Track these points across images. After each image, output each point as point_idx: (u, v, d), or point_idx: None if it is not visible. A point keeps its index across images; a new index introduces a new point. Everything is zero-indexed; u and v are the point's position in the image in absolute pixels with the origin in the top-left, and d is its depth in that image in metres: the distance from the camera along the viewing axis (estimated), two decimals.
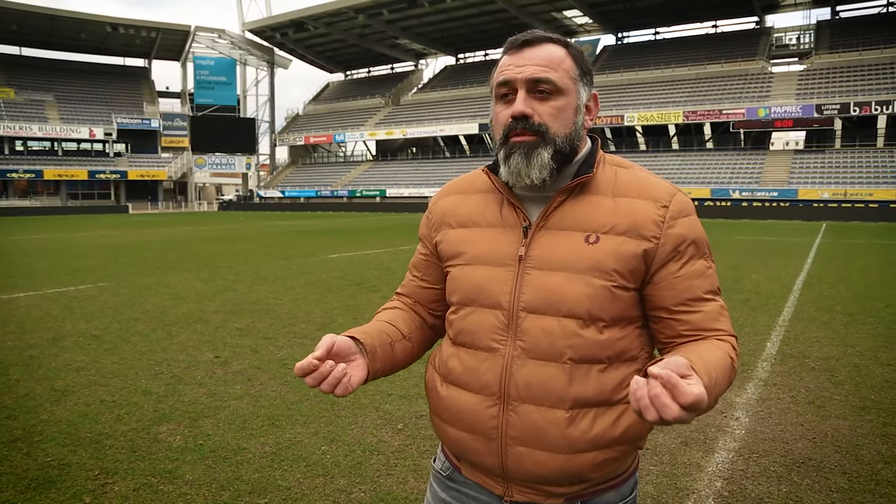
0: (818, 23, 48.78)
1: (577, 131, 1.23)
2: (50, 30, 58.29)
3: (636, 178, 1.24)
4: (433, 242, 1.38)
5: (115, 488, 3.06)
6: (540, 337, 1.19)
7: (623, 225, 1.18)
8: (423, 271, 1.43)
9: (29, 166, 53.92)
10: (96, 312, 7.44)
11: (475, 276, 1.26)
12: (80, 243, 18.32)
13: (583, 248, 1.18)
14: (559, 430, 1.17)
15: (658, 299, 1.22)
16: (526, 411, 1.19)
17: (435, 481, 1.39)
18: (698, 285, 1.20)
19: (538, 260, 1.21)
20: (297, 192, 56.91)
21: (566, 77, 1.21)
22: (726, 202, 36.74)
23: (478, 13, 53.65)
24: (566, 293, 1.17)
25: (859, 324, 6.84)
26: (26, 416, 4.01)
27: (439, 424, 1.33)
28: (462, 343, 1.28)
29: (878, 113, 37.91)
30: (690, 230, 1.21)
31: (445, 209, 1.37)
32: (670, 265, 1.20)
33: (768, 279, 10.22)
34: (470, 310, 1.27)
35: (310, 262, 12.98)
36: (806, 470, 3.32)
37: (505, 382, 1.21)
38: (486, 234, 1.28)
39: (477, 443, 1.24)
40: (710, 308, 1.20)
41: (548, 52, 1.21)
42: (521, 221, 1.25)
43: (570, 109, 1.22)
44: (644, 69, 50.61)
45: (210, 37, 63.08)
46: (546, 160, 1.18)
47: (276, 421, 3.97)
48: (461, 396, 1.26)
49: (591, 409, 1.18)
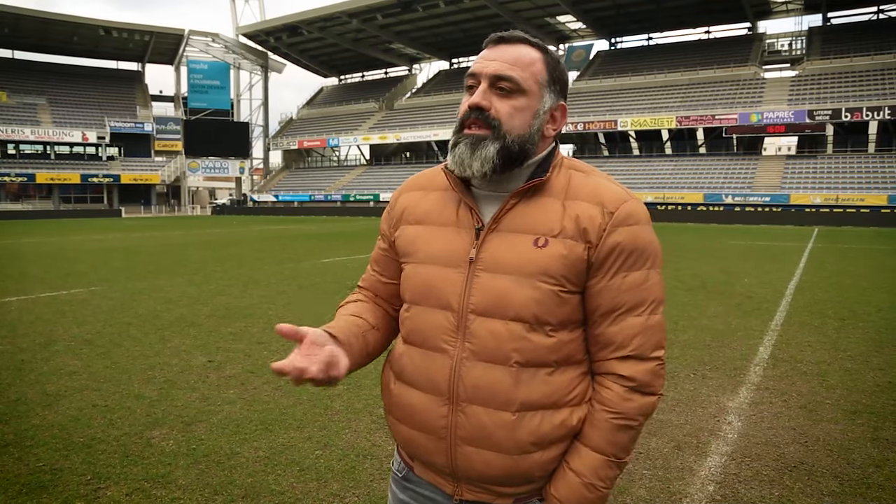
0: (810, 29, 49.12)
1: (531, 135, 1.22)
2: (42, 33, 58.06)
3: (589, 183, 1.24)
4: (392, 238, 1.38)
5: (107, 493, 3.05)
6: (487, 339, 1.19)
7: (570, 229, 1.18)
8: (382, 266, 1.43)
9: (21, 170, 53.58)
10: (88, 316, 7.40)
11: (426, 275, 1.27)
12: (72, 247, 18.23)
13: (531, 252, 1.18)
14: (506, 433, 1.18)
15: (587, 303, 1.22)
16: (474, 412, 1.20)
17: (394, 483, 1.41)
18: (625, 298, 1.19)
19: (488, 262, 1.21)
20: (291, 196, 56.76)
21: (531, 79, 1.21)
22: (719, 207, 36.88)
23: (472, 18, 53.78)
24: (513, 297, 1.18)
25: (851, 328, 6.88)
26: (18, 421, 3.98)
27: (393, 423, 1.34)
28: (413, 342, 1.29)
29: (870, 119, 38.19)
30: (629, 239, 1.19)
31: (406, 205, 1.37)
32: (602, 272, 1.19)
33: (761, 284, 10.26)
34: (420, 309, 1.28)
35: (303, 266, 12.96)
36: (798, 474, 3.34)
37: (454, 383, 1.21)
38: (439, 234, 1.28)
39: (428, 441, 1.25)
40: (630, 323, 1.20)
41: (519, 52, 1.21)
42: (475, 223, 1.24)
43: (529, 111, 1.21)
44: (637, 74, 50.81)
45: (204, 41, 62.99)
46: (491, 154, 1.18)
47: (269, 425, 3.96)
48: (412, 395, 1.27)
49: (539, 412, 1.19)
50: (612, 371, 1.21)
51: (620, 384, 1.20)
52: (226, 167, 63.71)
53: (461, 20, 54.70)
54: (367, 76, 72.28)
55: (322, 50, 65.81)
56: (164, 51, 65.60)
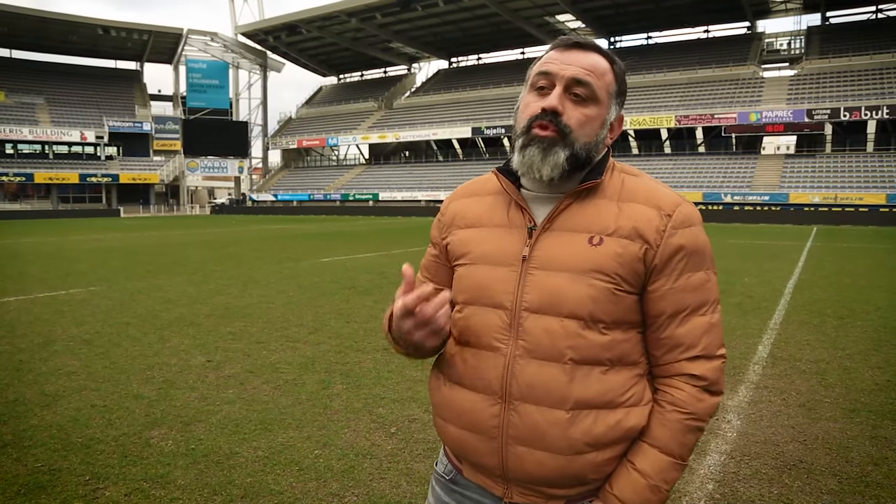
0: (809, 28, 49.16)
1: (597, 143, 1.24)
2: (41, 32, 57.95)
3: (643, 186, 1.25)
4: (443, 244, 1.39)
5: (106, 493, 3.05)
6: (542, 337, 1.19)
7: (626, 228, 1.19)
8: (432, 273, 1.43)
9: (19, 169, 53.49)
10: (87, 316, 7.40)
11: (479, 275, 1.27)
12: (71, 247, 18.21)
13: (586, 250, 1.19)
14: (560, 431, 1.17)
15: (649, 307, 1.22)
16: (527, 411, 1.19)
17: (437, 484, 1.39)
18: (690, 298, 1.20)
19: (541, 260, 1.21)
20: (290, 195, 56.75)
21: (604, 89, 1.23)
22: (718, 206, 36.91)
23: (471, 17, 53.76)
24: (568, 294, 1.18)
25: (849, 327, 6.88)
26: (16, 421, 3.98)
27: (441, 424, 1.33)
28: (465, 342, 1.29)
29: (868, 118, 38.22)
30: (690, 241, 1.20)
31: (456, 211, 1.38)
32: (665, 275, 1.20)
33: (760, 283, 10.27)
34: (473, 309, 1.27)
35: (302, 265, 12.94)
36: (797, 472, 3.34)
37: (506, 382, 1.21)
38: (491, 234, 1.29)
39: (478, 442, 1.24)
40: (697, 323, 1.21)
41: (595, 61, 1.23)
42: (527, 222, 1.26)
43: (598, 121, 1.23)
44: (636, 73, 50.81)
45: (202, 40, 62.92)
46: (561, 160, 1.20)
47: (268, 425, 3.96)
48: (463, 395, 1.27)
49: (593, 411, 1.18)
50: (683, 372, 1.21)
51: (693, 384, 1.20)
52: (225, 167, 63.65)
53: (460, 19, 54.68)
54: (367, 75, 72.26)
55: (321, 49, 65.76)
56: (162, 50, 65.55)
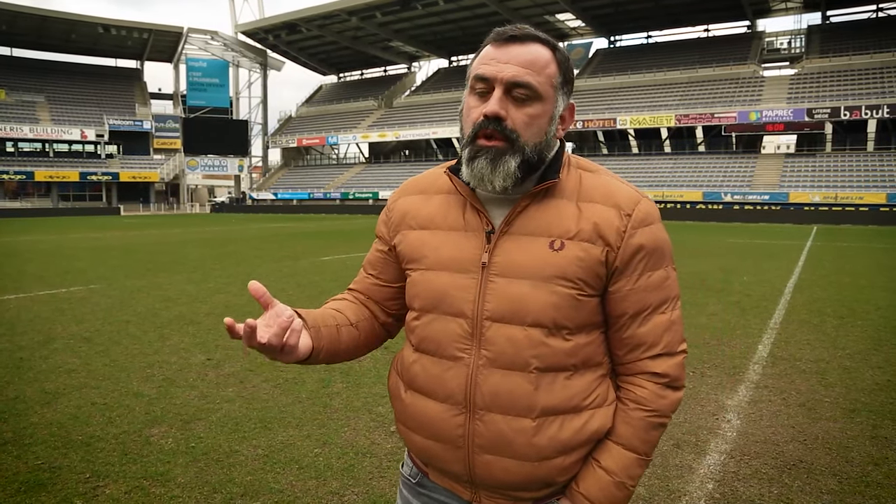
0: (809, 27, 49.12)
1: (547, 141, 1.19)
2: (41, 30, 57.92)
3: (601, 184, 1.22)
4: (392, 242, 1.34)
5: (106, 491, 3.05)
6: (505, 346, 1.16)
7: (587, 231, 1.16)
8: (379, 269, 1.39)
9: (20, 168, 53.50)
10: (87, 314, 7.40)
11: (437, 282, 1.22)
12: (70, 245, 18.20)
13: (548, 255, 1.16)
14: (526, 439, 1.16)
15: (611, 308, 1.21)
16: (493, 420, 1.18)
17: (405, 487, 1.38)
18: (651, 297, 1.20)
19: (502, 267, 1.18)
20: (290, 194, 56.74)
21: (547, 83, 1.16)
22: (718, 205, 36.93)
23: (470, 16, 53.70)
24: (531, 302, 1.15)
25: (849, 326, 6.88)
26: (16, 419, 3.98)
27: (405, 432, 1.31)
28: (425, 350, 1.25)
29: (868, 117, 38.21)
30: (650, 240, 1.18)
31: (406, 209, 1.32)
32: (626, 276, 1.18)
33: (759, 282, 10.27)
34: (432, 317, 1.23)
35: (302, 264, 12.95)
36: (797, 472, 3.34)
37: (470, 392, 1.19)
38: (447, 239, 1.24)
39: (444, 451, 1.23)
40: (658, 321, 1.20)
41: (534, 54, 1.16)
42: (484, 226, 1.21)
43: (545, 118, 1.17)
44: (636, 73, 50.81)
45: (203, 38, 62.88)
46: (512, 169, 1.14)
47: (268, 423, 3.96)
48: (426, 405, 1.24)
49: (559, 417, 1.18)
50: (645, 370, 1.21)
51: (655, 381, 1.21)
52: (224, 165, 63.62)
53: (460, 18, 54.62)
54: (367, 74, 72.20)
55: (321, 48, 65.70)
56: (162, 48, 65.49)
